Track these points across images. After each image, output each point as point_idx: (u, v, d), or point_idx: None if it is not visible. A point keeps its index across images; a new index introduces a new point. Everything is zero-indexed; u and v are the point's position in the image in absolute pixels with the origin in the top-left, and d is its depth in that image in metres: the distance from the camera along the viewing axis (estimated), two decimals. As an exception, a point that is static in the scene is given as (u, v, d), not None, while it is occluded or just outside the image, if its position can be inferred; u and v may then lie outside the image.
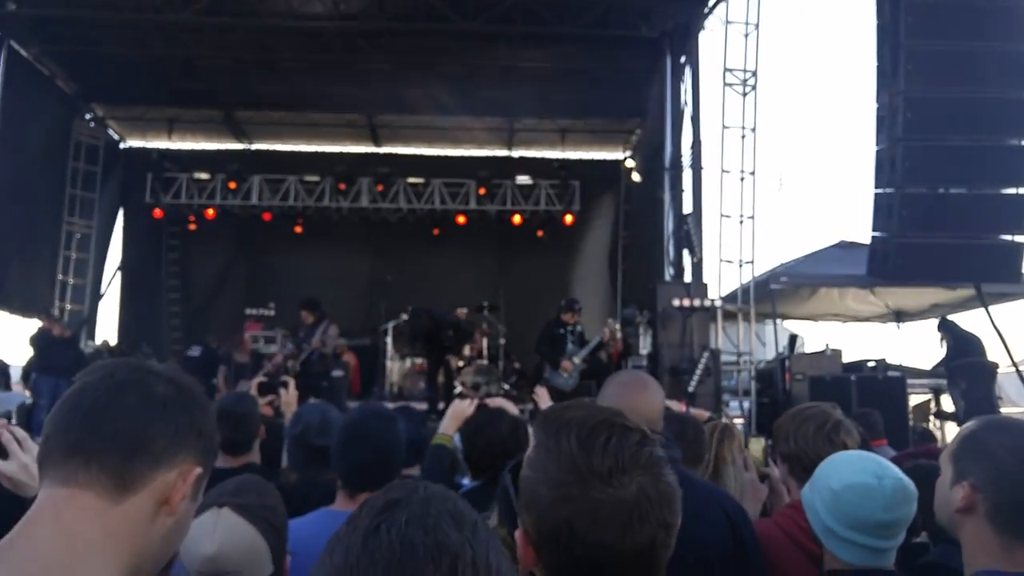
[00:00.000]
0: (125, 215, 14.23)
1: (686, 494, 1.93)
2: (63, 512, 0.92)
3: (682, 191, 10.38)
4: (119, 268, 14.22)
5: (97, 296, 13.59)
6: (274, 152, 14.79)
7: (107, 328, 13.89)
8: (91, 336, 13.12)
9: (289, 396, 3.89)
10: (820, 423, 2.18)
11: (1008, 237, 7.34)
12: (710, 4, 10.38)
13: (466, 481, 3.07)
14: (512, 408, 3.37)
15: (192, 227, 13.74)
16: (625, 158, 14.40)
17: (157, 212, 13.44)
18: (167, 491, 0.98)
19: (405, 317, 10.31)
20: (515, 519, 1.18)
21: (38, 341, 9.95)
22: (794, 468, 2.15)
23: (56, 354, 9.94)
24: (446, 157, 14.55)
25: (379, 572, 0.62)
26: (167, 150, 14.24)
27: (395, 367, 10.50)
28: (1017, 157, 7.34)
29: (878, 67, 7.82)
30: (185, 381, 1.06)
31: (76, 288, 12.90)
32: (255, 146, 14.91)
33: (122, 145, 14.62)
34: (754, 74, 9.84)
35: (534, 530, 0.94)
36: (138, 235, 14.18)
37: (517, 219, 13.26)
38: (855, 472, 1.62)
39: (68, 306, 12.67)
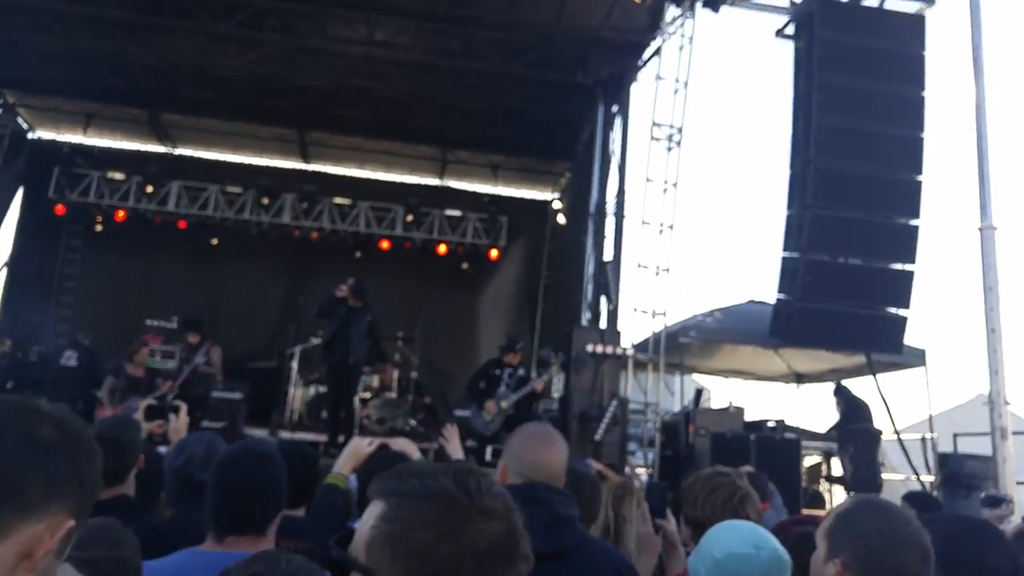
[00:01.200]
0: (23, 208, 13.35)
1: (583, 553, 1.94)
2: None
3: (604, 237, 10.63)
4: (6, 264, 13.28)
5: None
6: (197, 159, 14.27)
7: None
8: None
9: (179, 423, 3.67)
10: (729, 494, 2.26)
11: (894, 310, 7.88)
12: (644, 58, 10.80)
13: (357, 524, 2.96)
14: (414, 452, 3.29)
15: (98, 228, 13.00)
16: (553, 199, 14.67)
17: (60, 208, 12.68)
18: (32, 544, 0.91)
19: (315, 341, 10.01)
20: None
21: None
22: (697, 534, 2.21)
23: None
24: (376, 180, 14.42)
25: None
26: (80, 145, 13.52)
27: (298, 394, 10.12)
28: (904, 235, 7.93)
29: (792, 136, 8.33)
30: (74, 425, 0.99)
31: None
32: (178, 151, 14.36)
33: (30, 135, 13.78)
34: (680, 130, 10.26)
35: None
36: (34, 230, 13.31)
37: (442, 249, 13.22)
38: (736, 542, 1.71)
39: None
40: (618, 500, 2.86)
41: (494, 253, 13.31)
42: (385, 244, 13.10)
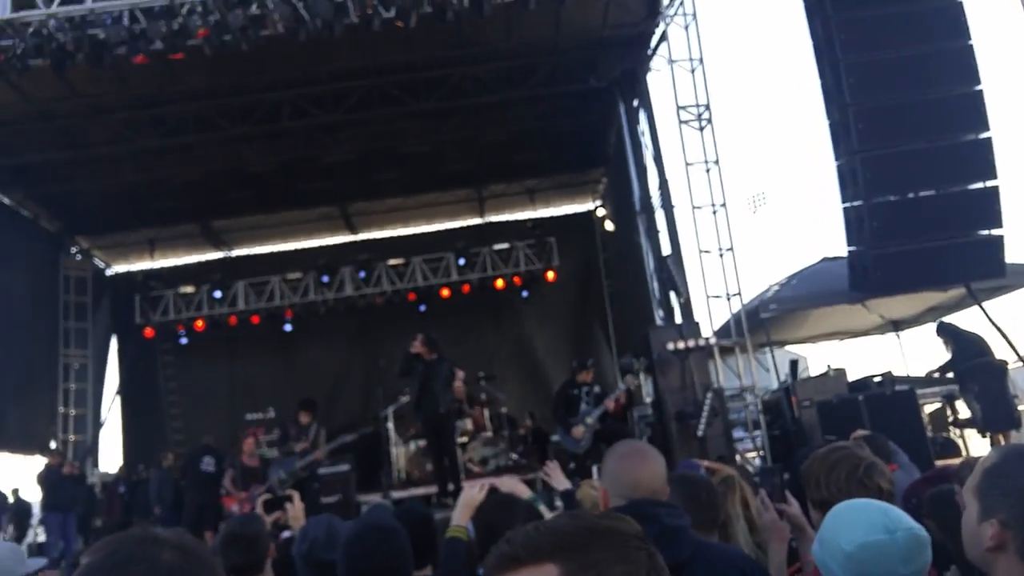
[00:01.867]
0: (119, 339, 14.32)
1: (702, 561, 1.90)
2: None
3: (657, 232, 10.47)
4: (118, 392, 14.19)
5: (98, 424, 13.54)
6: (254, 256, 14.96)
7: (111, 454, 13.79)
8: (95, 464, 12.97)
9: (295, 510, 3.81)
10: (852, 467, 2.15)
11: (985, 232, 7.39)
12: (652, 46, 10.71)
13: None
14: (523, 489, 3.30)
15: (183, 341, 13.72)
16: (596, 207, 14.61)
17: (148, 331, 13.50)
18: None
19: (404, 399, 10.20)
20: None
21: (46, 479, 9.89)
22: (826, 511, 2.11)
23: (64, 491, 9.88)
24: (422, 234, 14.73)
25: None
26: (151, 270, 14.43)
27: (400, 452, 10.31)
28: (977, 151, 7.42)
29: (822, 84, 8.02)
30: (190, 544, 1.07)
31: (78, 418, 12.92)
32: (235, 252, 15.06)
33: (108, 272, 14.82)
34: (707, 107, 10.09)
35: None
36: (133, 357, 14.22)
37: (500, 283, 13.33)
38: (866, 529, 1.58)
39: (72, 437, 12.68)
40: (721, 497, 2.77)
41: (550, 275, 13.31)
42: (445, 292, 13.31)
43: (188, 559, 1.04)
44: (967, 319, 8.75)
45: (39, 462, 10.80)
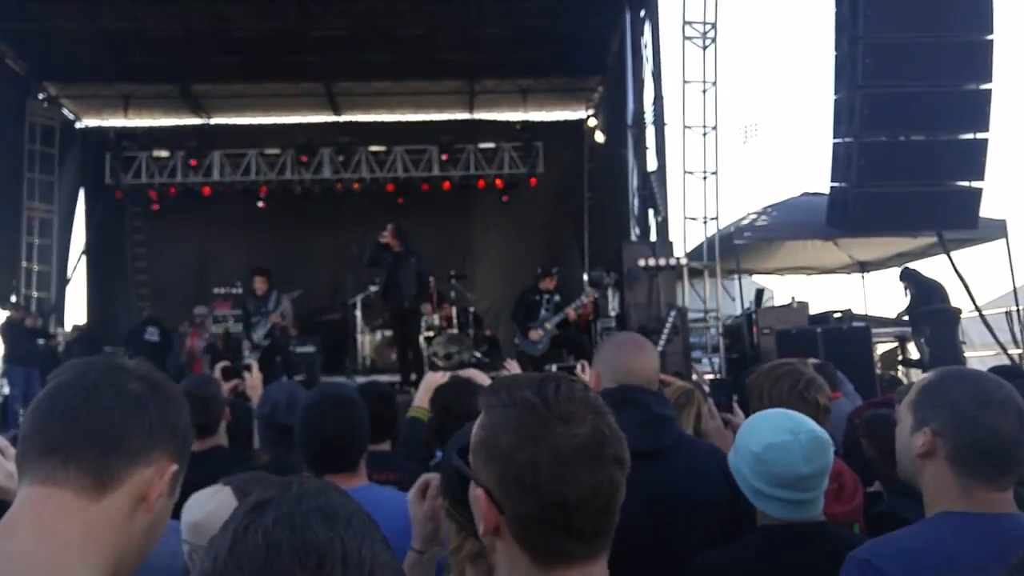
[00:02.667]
0: (86, 197, 13.89)
1: (682, 451, 1.99)
2: (43, 511, 0.94)
3: (645, 148, 10.37)
4: (84, 252, 13.92)
5: (64, 282, 13.33)
6: (233, 126, 14.42)
7: (75, 314, 13.68)
8: (60, 323, 12.90)
9: (253, 379, 3.87)
10: (793, 381, 2.26)
11: (965, 183, 7.46)
12: (668, -43, 10.25)
13: (440, 453, 3.12)
14: (483, 379, 3.40)
15: (155, 207, 13.42)
16: (588, 117, 14.32)
17: (118, 193, 13.12)
18: (144, 488, 1.00)
19: (373, 289, 10.26)
20: (453, 492, 1.29)
21: (8, 332, 9.85)
22: None
23: (27, 344, 9.85)
24: (407, 123, 14.31)
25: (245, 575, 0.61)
26: (124, 128, 13.83)
27: (366, 340, 10.48)
28: (975, 101, 7.36)
29: (836, 13, 7.80)
30: (158, 378, 1.07)
31: (41, 275, 12.62)
32: (213, 120, 14.54)
33: (78, 125, 14.16)
34: (713, 26, 9.80)
35: (496, 483, 0.97)
36: (101, 217, 13.85)
37: (481, 184, 13.16)
38: (772, 432, 1.69)
39: (35, 293, 12.42)
40: (679, 408, 2.89)
41: (533, 181, 13.16)
42: (425, 186, 13.13)
43: (155, 391, 1.05)
44: (932, 268, 9.00)
45: (-1, 315, 10.72)
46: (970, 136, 7.41)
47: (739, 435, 1.80)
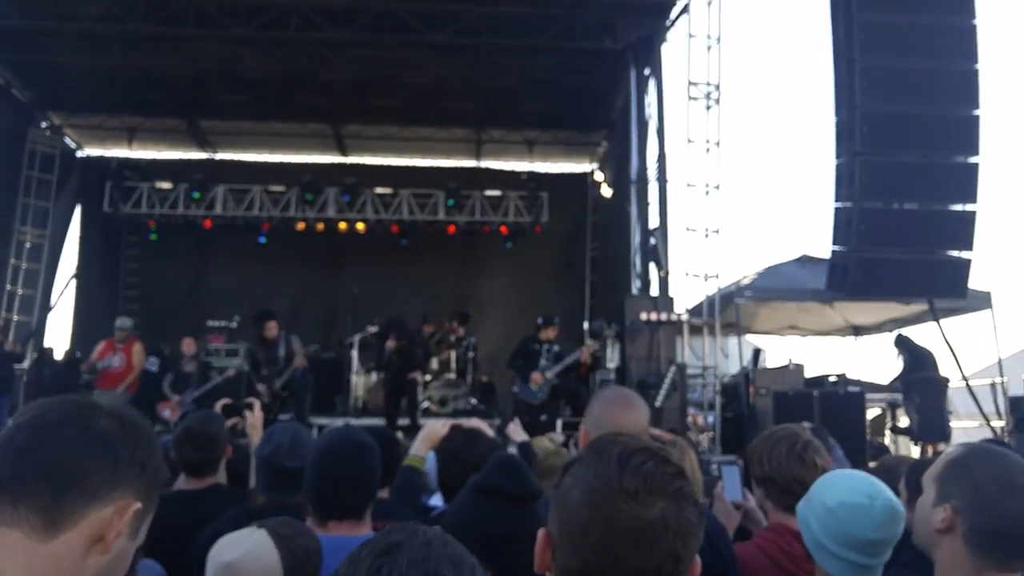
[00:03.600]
0: (82, 223, 13.89)
1: None
2: None
3: (647, 204, 10.49)
4: (74, 276, 13.86)
5: (46, 308, 13.20)
6: (239, 162, 14.57)
7: (57, 340, 13.50)
8: (38, 348, 12.72)
9: (255, 418, 3.80)
10: (791, 444, 2.24)
11: (955, 253, 7.59)
12: (672, 17, 10.55)
13: (434, 502, 3.05)
14: (487, 429, 3.36)
15: (153, 236, 13.43)
16: (593, 170, 14.53)
17: (116, 222, 13.13)
18: (101, 528, 0.96)
19: (372, 330, 10.21)
20: None
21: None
22: (770, 491, 2.20)
23: (2, 370, 9.68)
24: (414, 167, 14.50)
25: None
26: (127, 159, 13.91)
27: (360, 381, 10.36)
28: (964, 174, 7.58)
29: (835, 83, 8.03)
30: (129, 415, 1.05)
31: (24, 299, 12.56)
32: (219, 156, 14.67)
33: (79, 153, 14.27)
34: (717, 87, 10.04)
35: (557, 529, 0.99)
36: (95, 244, 13.85)
37: (486, 230, 13.26)
38: (850, 491, 1.69)
39: (15, 317, 12.33)
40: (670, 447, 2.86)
41: (538, 229, 13.27)
42: (429, 229, 13.21)
43: (125, 428, 1.02)
44: (924, 334, 9.06)
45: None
46: (959, 207, 7.57)
47: (815, 487, 1.79)
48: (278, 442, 2.79)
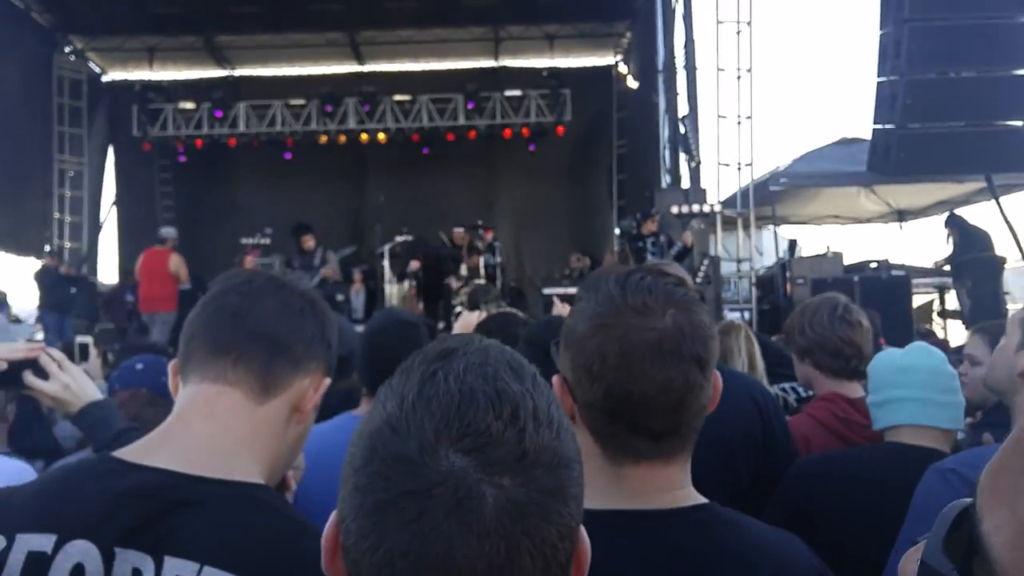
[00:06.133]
0: (115, 150, 13.98)
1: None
2: (215, 407, 0.96)
3: (676, 94, 10.07)
4: (114, 203, 14.09)
5: (96, 232, 13.54)
6: (257, 77, 14.33)
7: (108, 264, 13.89)
8: (92, 272, 13.12)
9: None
10: (832, 308, 2.18)
11: (1019, 123, 7.10)
12: None
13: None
14: (520, 315, 3.38)
15: (182, 159, 13.45)
16: (617, 63, 13.92)
17: (146, 145, 13.16)
18: (301, 398, 1.01)
19: (400, 239, 10.23)
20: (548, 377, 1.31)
21: (43, 279, 9.97)
22: (818, 359, 2.12)
23: (61, 291, 9.98)
24: (432, 72, 14.07)
25: (436, 419, 0.57)
26: (150, 81, 13.78)
27: (394, 290, 10.47)
28: (1028, 37, 7.00)
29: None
30: (314, 294, 1.08)
31: (73, 225, 12.85)
32: (238, 72, 14.44)
33: (104, 78, 14.19)
34: (749, -33, 9.37)
35: (570, 368, 0.96)
36: (130, 169, 13.95)
37: (507, 133, 12.93)
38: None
39: (67, 244, 12.65)
40: (724, 335, 2.82)
41: (560, 130, 12.89)
42: (450, 136, 12.95)
43: (315, 306, 1.05)
44: (978, 215, 8.65)
45: (33, 264, 10.87)
46: (1022, 72, 7.01)
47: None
48: None
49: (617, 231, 10.68)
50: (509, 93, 12.91)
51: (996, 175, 7.53)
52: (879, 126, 7.21)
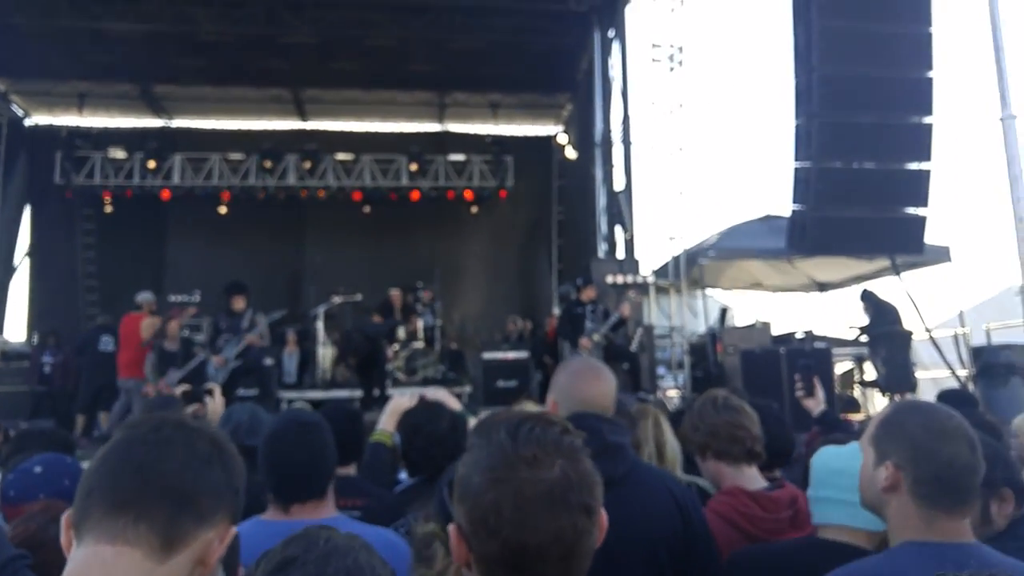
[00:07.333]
0: (32, 198, 13.38)
1: (636, 478, 1.97)
2: (112, 571, 0.92)
3: (612, 167, 10.47)
4: (28, 253, 13.41)
5: (5, 284, 12.78)
6: (196, 130, 14.13)
7: (14, 318, 13.11)
8: (-2, 327, 12.37)
9: (215, 404, 3.74)
10: (713, 400, 2.30)
11: (912, 210, 7.77)
12: (636, -23, 10.40)
13: (403, 476, 3.04)
14: (453, 402, 3.33)
15: (108, 209, 13.00)
16: (557, 133, 14.41)
17: (68, 193, 12.68)
18: (206, 551, 0.97)
19: (337, 300, 10.09)
20: (448, 518, 1.30)
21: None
22: (716, 447, 2.22)
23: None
24: (376, 133, 14.23)
25: None
26: (78, 128, 13.39)
27: (327, 353, 10.26)
28: (919, 134, 7.74)
29: (794, 43, 8.06)
30: (222, 438, 1.06)
31: (-22, 277, 12.14)
32: (175, 123, 14.21)
33: (27, 122, 13.69)
34: (681, 49, 9.97)
35: (466, 519, 0.98)
36: (49, 218, 13.39)
37: (451, 195, 13.11)
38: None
39: (-31, 296, 11.91)
40: (656, 427, 2.86)
41: (503, 193, 13.15)
42: (393, 196, 13.02)
43: (222, 452, 1.03)
44: (887, 288, 9.28)
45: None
46: (915, 166, 7.73)
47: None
48: (237, 421, 2.77)
49: (557, 295, 10.86)
50: (453, 157, 13.14)
51: (897, 255, 8.17)
52: (797, 206, 7.70)
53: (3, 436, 4.29)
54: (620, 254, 9.58)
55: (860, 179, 7.69)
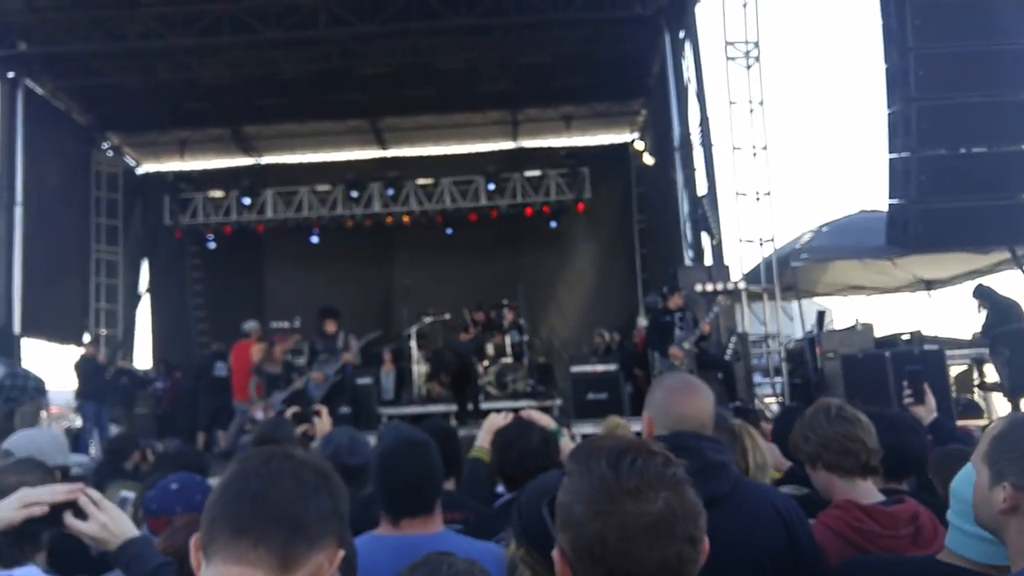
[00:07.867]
0: (148, 238, 14.49)
1: (740, 497, 1.90)
2: None
3: (694, 170, 10.22)
4: (147, 290, 14.52)
5: (131, 320, 13.90)
6: (284, 165, 14.88)
7: (142, 350, 14.27)
8: (127, 358, 13.39)
9: (323, 424, 3.91)
10: (826, 409, 2.19)
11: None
12: (703, -24, 10.18)
13: (501, 489, 3.07)
14: (545, 420, 3.36)
15: (211, 245, 13.88)
16: (633, 140, 14.25)
17: (177, 233, 13.65)
18: (317, 573, 1.05)
19: (428, 320, 10.33)
20: (530, 539, 1.40)
21: (82, 368, 10.18)
22: (828, 460, 2.12)
23: (99, 380, 10.19)
24: (453, 155, 14.52)
25: None
26: (181, 172, 14.40)
27: (421, 370, 10.52)
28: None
29: (884, 24, 7.63)
30: (326, 468, 1.15)
31: (108, 313, 13.26)
32: (264, 160, 15.01)
33: (139, 170, 14.86)
34: (756, 45, 9.67)
35: (570, 547, 1.01)
36: (162, 257, 14.46)
37: (529, 212, 13.18)
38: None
39: (103, 331, 13.02)
40: (730, 444, 2.77)
41: (580, 206, 13.11)
42: (473, 216, 13.22)
43: (328, 481, 1.11)
44: (1005, 283, 8.57)
45: (72, 352, 11.15)
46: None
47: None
48: (338, 442, 2.92)
49: (644, 306, 10.67)
50: (529, 173, 13.22)
51: (1017, 246, 7.51)
52: (895, 201, 7.26)
53: (141, 455, 4.59)
54: (708, 260, 9.31)
55: (968, 165, 7.15)
